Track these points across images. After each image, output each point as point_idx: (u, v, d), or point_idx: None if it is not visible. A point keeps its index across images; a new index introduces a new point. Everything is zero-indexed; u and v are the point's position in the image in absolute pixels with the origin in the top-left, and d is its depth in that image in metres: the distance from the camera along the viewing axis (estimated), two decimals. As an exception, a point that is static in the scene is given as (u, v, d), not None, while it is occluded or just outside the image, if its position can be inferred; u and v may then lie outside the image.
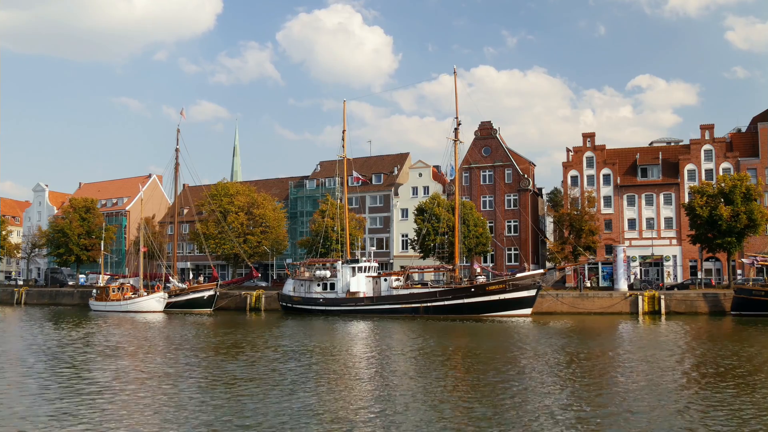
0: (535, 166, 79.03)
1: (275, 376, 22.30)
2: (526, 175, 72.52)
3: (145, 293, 62.29)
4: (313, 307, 55.28)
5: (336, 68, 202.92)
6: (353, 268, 54.97)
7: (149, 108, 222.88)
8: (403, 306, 51.28)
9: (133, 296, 62.08)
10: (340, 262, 56.35)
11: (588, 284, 59.59)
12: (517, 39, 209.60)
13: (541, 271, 55.81)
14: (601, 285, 60.31)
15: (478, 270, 59.40)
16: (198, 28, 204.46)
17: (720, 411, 16.60)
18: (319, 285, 56.22)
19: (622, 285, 55.19)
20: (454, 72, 55.60)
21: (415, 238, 63.83)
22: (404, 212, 76.58)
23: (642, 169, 68.07)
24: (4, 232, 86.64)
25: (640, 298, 50.50)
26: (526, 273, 52.85)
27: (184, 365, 25.33)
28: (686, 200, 61.12)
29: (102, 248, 77.12)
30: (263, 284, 74.03)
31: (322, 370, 24.01)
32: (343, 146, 62.27)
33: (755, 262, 51.78)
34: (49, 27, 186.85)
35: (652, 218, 66.55)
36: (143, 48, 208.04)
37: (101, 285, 67.04)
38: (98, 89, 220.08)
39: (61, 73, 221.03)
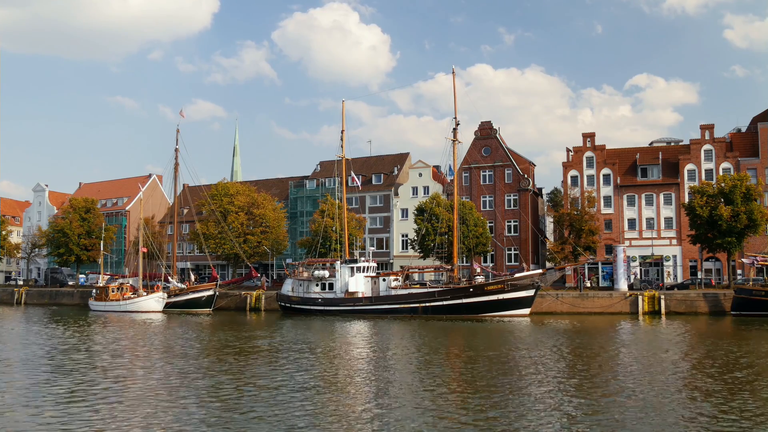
0: (535, 166, 79.00)
1: (273, 378, 22.22)
2: (526, 175, 72.46)
3: (145, 293, 62.30)
4: (312, 307, 55.20)
5: (333, 67, 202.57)
6: (352, 268, 54.91)
7: (145, 107, 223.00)
8: (402, 306, 51.20)
9: (132, 296, 62.09)
10: (338, 262, 56.28)
11: (588, 284, 59.49)
12: (514, 37, 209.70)
13: (540, 271, 55.73)
14: (601, 285, 60.25)
15: (478, 270, 59.32)
16: (194, 27, 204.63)
17: (719, 411, 16.51)
18: (317, 285, 56.16)
19: (622, 285, 55.09)
20: (453, 72, 55.59)
21: (415, 238, 63.81)
22: (404, 212, 76.55)
23: (642, 169, 67.98)
24: (4, 232, 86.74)
25: (640, 298, 50.43)
26: (525, 273, 52.75)
27: (180, 367, 25.27)
28: (686, 200, 61.02)
29: (102, 248, 77.16)
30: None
31: (320, 371, 23.94)
32: (342, 146, 62.51)
33: (755, 262, 51.68)
34: (44, 25, 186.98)
35: (652, 218, 66.44)
36: (139, 47, 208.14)
37: (101, 285, 67.07)
38: (93, 88, 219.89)
39: (56, 72, 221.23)
